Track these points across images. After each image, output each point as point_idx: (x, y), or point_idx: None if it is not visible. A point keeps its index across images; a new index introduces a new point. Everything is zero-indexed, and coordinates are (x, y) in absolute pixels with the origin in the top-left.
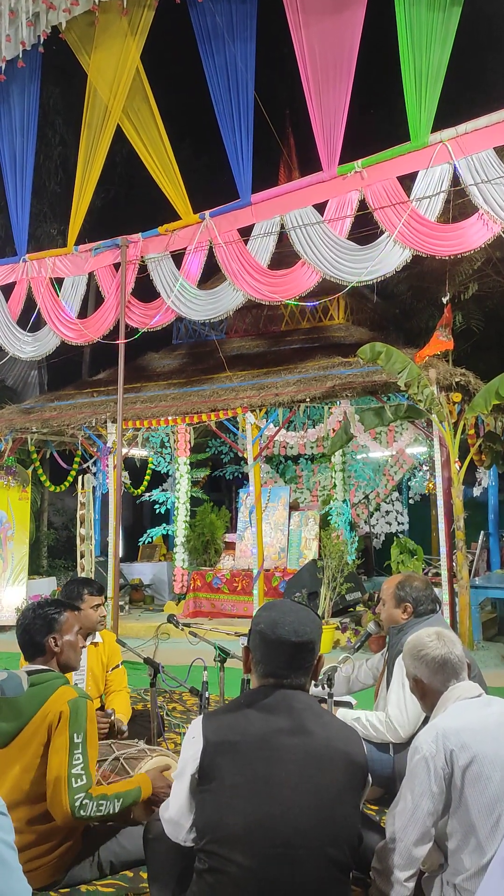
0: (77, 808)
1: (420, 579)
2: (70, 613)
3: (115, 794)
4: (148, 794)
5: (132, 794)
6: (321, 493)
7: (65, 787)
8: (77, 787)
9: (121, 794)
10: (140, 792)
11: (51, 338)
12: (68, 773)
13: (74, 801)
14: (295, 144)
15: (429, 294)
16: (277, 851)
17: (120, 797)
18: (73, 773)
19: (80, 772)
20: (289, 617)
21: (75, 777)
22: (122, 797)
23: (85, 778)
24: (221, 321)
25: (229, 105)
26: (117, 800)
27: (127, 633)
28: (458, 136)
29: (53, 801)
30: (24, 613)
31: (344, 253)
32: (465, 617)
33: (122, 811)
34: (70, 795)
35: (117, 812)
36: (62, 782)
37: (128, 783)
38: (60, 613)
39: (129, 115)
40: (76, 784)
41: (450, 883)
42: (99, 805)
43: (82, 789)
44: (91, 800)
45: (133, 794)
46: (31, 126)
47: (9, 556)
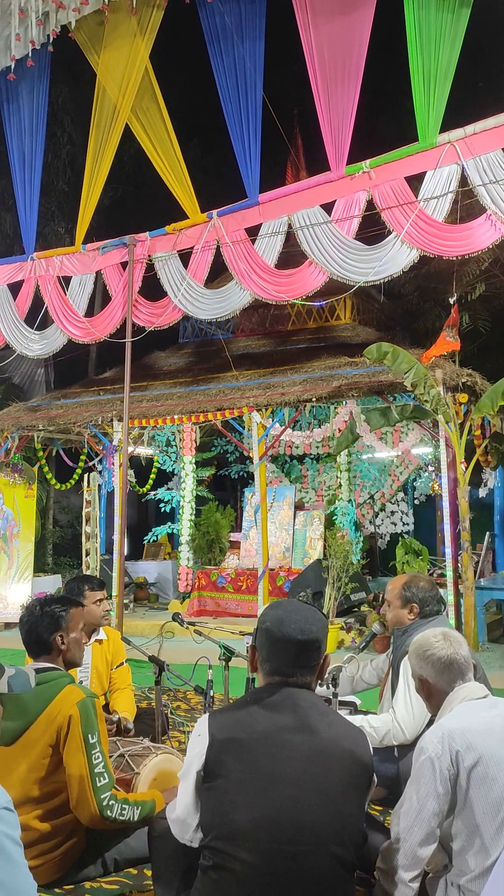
0: (105, 807)
1: (425, 580)
2: (75, 610)
3: (135, 802)
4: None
5: (149, 805)
6: (326, 493)
7: (90, 788)
8: (101, 787)
9: (139, 803)
10: (154, 806)
11: (58, 336)
12: (91, 773)
13: (102, 800)
14: (303, 144)
15: (436, 294)
16: (282, 848)
17: (139, 805)
18: (96, 772)
19: (101, 770)
20: (295, 615)
21: (98, 776)
22: (141, 806)
23: (107, 776)
24: (228, 320)
25: (237, 105)
26: (136, 808)
27: (131, 631)
28: (467, 136)
29: (80, 802)
30: (29, 611)
31: (351, 253)
32: (471, 618)
33: (139, 822)
34: (97, 795)
35: (136, 821)
36: (86, 784)
37: (143, 795)
38: (67, 611)
39: (138, 115)
40: (100, 783)
41: (454, 884)
42: (123, 809)
43: (107, 788)
44: (116, 801)
45: (149, 805)
46: (39, 125)
47: (14, 554)
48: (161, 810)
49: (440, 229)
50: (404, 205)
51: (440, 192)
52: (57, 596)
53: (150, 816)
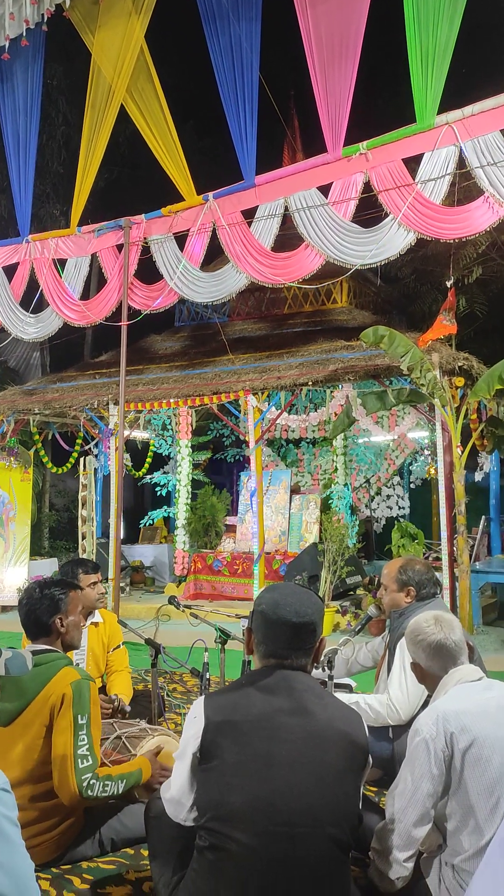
0: (84, 787)
1: (421, 562)
2: (74, 594)
3: (119, 776)
4: (148, 776)
5: (134, 776)
6: (322, 477)
7: (72, 768)
8: (83, 768)
9: (124, 776)
10: (141, 775)
11: (53, 319)
12: (74, 754)
13: (82, 781)
14: (299, 126)
15: (432, 278)
16: (278, 829)
17: (123, 778)
18: (79, 753)
19: (85, 752)
20: (291, 598)
21: (81, 758)
22: (126, 778)
23: (91, 759)
24: (224, 304)
25: (234, 85)
26: (121, 781)
27: (128, 614)
28: (465, 117)
29: (61, 781)
30: (29, 593)
31: (348, 235)
32: (466, 601)
33: (124, 792)
34: (77, 776)
35: (121, 793)
36: (69, 763)
37: (129, 765)
38: (66, 594)
39: (133, 95)
40: (82, 765)
41: (448, 863)
42: (105, 786)
43: (89, 770)
44: (98, 780)
45: (135, 775)
46: (34, 106)
47: (10, 537)
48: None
49: (437, 212)
50: (401, 187)
51: (438, 174)
52: (56, 579)
53: (137, 784)
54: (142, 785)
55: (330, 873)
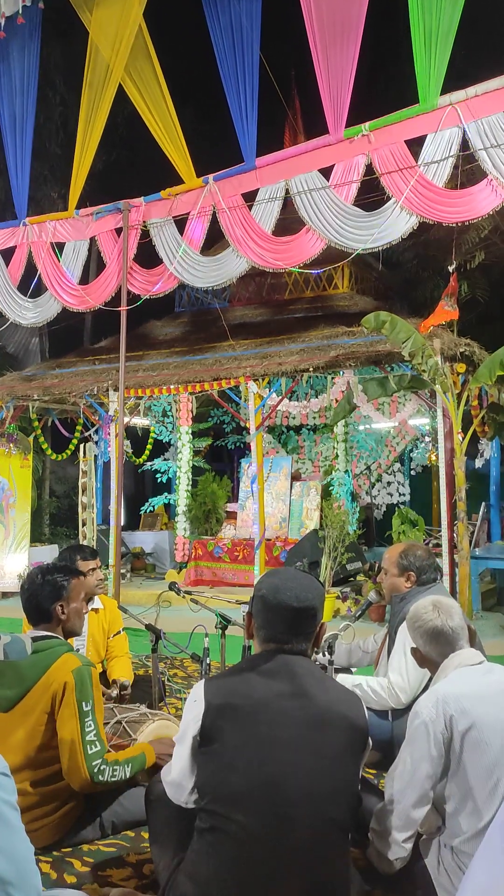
0: (95, 773)
1: (422, 548)
2: (76, 580)
3: (125, 760)
4: (152, 761)
5: (139, 760)
6: (323, 464)
7: (81, 755)
8: (93, 754)
9: (130, 760)
10: (145, 759)
11: (52, 304)
12: (82, 740)
13: (92, 767)
14: (300, 107)
15: (434, 263)
16: (278, 811)
17: (129, 762)
18: (87, 740)
19: (93, 738)
20: (291, 583)
21: (90, 744)
22: (132, 762)
23: (99, 744)
24: (224, 289)
25: (234, 65)
26: (128, 765)
27: (128, 600)
28: (468, 98)
29: (71, 768)
30: (31, 579)
31: (349, 219)
32: (465, 587)
33: (131, 777)
34: (88, 762)
35: (128, 778)
36: (78, 750)
37: (133, 750)
38: (68, 580)
39: (132, 75)
40: (91, 751)
41: (447, 845)
42: (114, 771)
43: (98, 755)
44: (107, 765)
45: (140, 760)
46: (31, 85)
47: (10, 524)
48: (155, 766)
49: (440, 195)
50: (404, 169)
51: (440, 156)
52: (59, 565)
53: (142, 769)
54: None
55: (329, 854)
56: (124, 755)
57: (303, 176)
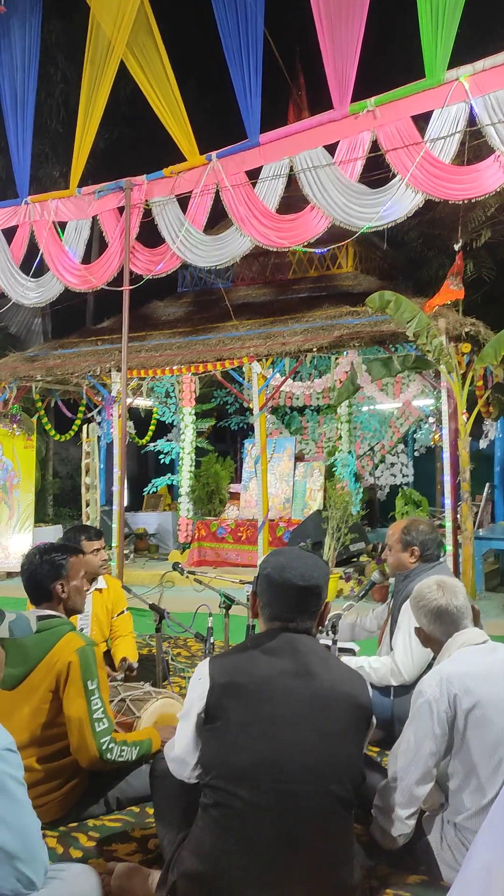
0: (104, 751)
1: (425, 523)
2: (75, 558)
3: (133, 743)
4: (157, 747)
5: (146, 745)
6: (326, 445)
7: (89, 733)
8: (101, 731)
9: (137, 744)
10: (151, 744)
11: (54, 284)
12: (90, 718)
13: (101, 744)
14: (305, 83)
15: (440, 241)
16: (281, 787)
17: (137, 745)
18: (95, 717)
19: (101, 716)
20: (296, 562)
21: (97, 721)
22: (139, 746)
23: (106, 721)
24: (228, 269)
25: (238, 40)
26: (135, 748)
27: (132, 580)
28: (476, 73)
29: (80, 746)
30: (30, 559)
31: (354, 197)
32: (469, 568)
33: (137, 760)
34: (97, 740)
35: (134, 760)
36: (86, 728)
37: (140, 734)
38: (66, 559)
39: (133, 51)
40: (99, 728)
41: (450, 822)
42: (122, 750)
43: (106, 733)
44: (115, 744)
45: (146, 744)
46: (32, 62)
47: (15, 505)
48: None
49: (446, 171)
50: (410, 146)
51: (447, 132)
52: (57, 544)
53: (147, 754)
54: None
55: (333, 830)
56: (131, 737)
57: (307, 153)
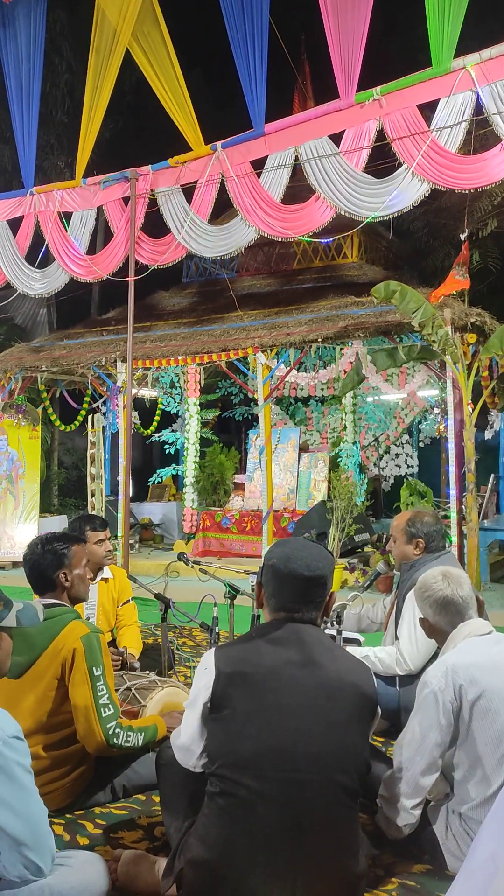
0: (110, 735)
1: (429, 514)
2: (77, 547)
3: (139, 729)
4: (163, 734)
5: (151, 731)
6: (331, 435)
7: (95, 719)
8: (107, 717)
9: (143, 730)
10: (157, 731)
11: (59, 274)
12: (96, 704)
13: (107, 729)
14: (310, 72)
15: (445, 231)
16: (287, 776)
17: (142, 731)
18: (101, 703)
19: (106, 702)
20: (302, 552)
21: (103, 707)
22: (144, 731)
23: (112, 707)
24: (232, 259)
25: (243, 28)
26: (140, 734)
27: (137, 570)
28: (483, 61)
29: (87, 732)
30: (32, 549)
31: (360, 186)
32: (474, 559)
33: (143, 746)
34: (102, 725)
35: (140, 746)
36: (92, 714)
37: (145, 721)
38: (69, 548)
39: (139, 40)
40: (105, 713)
41: (455, 811)
42: (128, 736)
43: (112, 718)
44: (122, 729)
45: (152, 730)
46: (37, 51)
47: (20, 495)
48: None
49: (453, 161)
50: (416, 135)
51: (453, 120)
52: (59, 533)
53: (153, 740)
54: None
55: (338, 819)
56: (137, 724)
57: (312, 142)
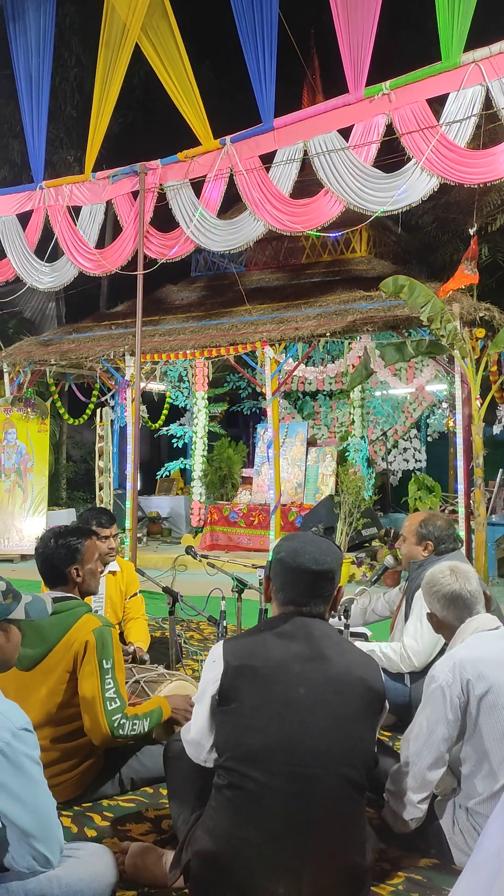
0: (115, 727)
1: (443, 518)
2: (90, 542)
3: (143, 714)
4: (168, 714)
5: (156, 714)
6: (339, 430)
7: (101, 711)
8: (113, 710)
9: (148, 714)
10: (161, 712)
11: (69, 268)
12: (102, 697)
13: (112, 721)
14: (319, 66)
15: (454, 226)
16: (294, 769)
17: (148, 716)
18: (107, 696)
19: (113, 695)
20: (310, 546)
21: (110, 700)
22: (149, 716)
23: (119, 700)
24: (241, 253)
25: (252, 22)
26: (146, 719)
27: (145, 564)
28: (493, 55)
29: (93, 724)
30: (45, 542)
31: (369, 181)
32: (481, 554)
33: (150, 730)
34: (108, 717)
35: (147, 731)
36: (98, 707)
37: (150, 704)
38: (82, 542)
39: (148, 34)
40: (111, 706)
41: (462, 806)
42: (133, 724)
43: (118, 711)
44: (127, 719)
45: (157, 713)
46: (47, 45)
47: (29, 488)
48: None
49: (462, 155)
50: (425, 129)
51: (463, 115)
52: (72, 527)
53: (158, 723)
54: (165, 722)
55: (345, 812)
56: (142, 709)
57: (321, 137)
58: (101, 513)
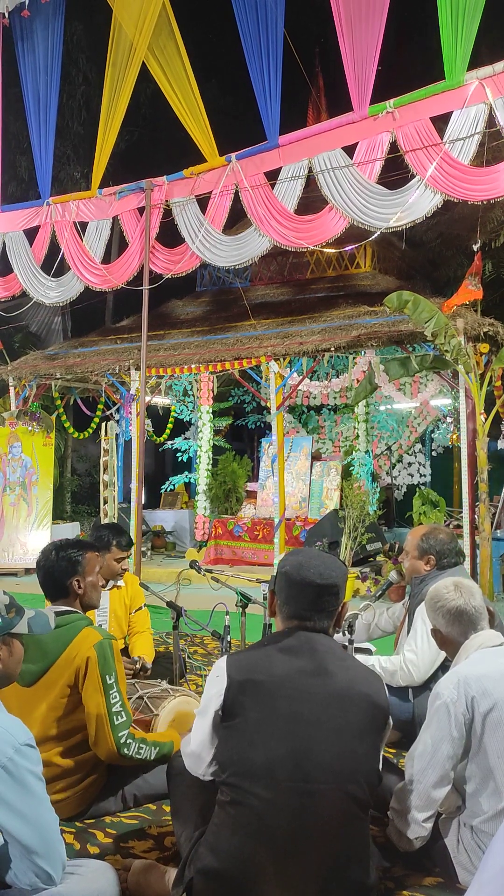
0: (122, 745)
1: (445, 532)
2: (91, 554)
3: (153, 742)
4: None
5: (166, 747)
6: (343, 444)
7: (108, 726)
8: (119, 725)
9: (157, 744)
10: (172, 747)
11: (75, 283)
12: (108, 712)
13: (119, 738)
14: (324, 84)
15: (458, 241)
16: (298, 786)
17: (157, 746)
18: (113, 711)
19: (119, 709)
20: (315, 561)
21: (116, 714)
22: (159, 747)
23: (124, 715)
24: (246, 268)
25: (258, 42)
26: (154, 748)
27: (149, 578)
28: (496, 74)
29: (99, 739)
30: (46, 555)
31: (373, 198)
32: (486, 569)
33: (156, 760)
34: (115, 733)
35: (153, 760)
36: (104, 722)
37: (162, 736)
38: (82, 555)
39: (155, 53)
40: (118, 721)
41: (467, 825)
42: (140, 748)
43: (124, 726)
44: (134, 740)
45: (167, 747)
46: (54, 64)
47: (33, 501)
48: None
49: (465, 172)
50: (429, 147)
51: (466, 133)
52: (73, 540)
53: (167, 756)
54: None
55: (348, 829)
56: (152, 737)
57: (326, 154)
58: (121, 534)
